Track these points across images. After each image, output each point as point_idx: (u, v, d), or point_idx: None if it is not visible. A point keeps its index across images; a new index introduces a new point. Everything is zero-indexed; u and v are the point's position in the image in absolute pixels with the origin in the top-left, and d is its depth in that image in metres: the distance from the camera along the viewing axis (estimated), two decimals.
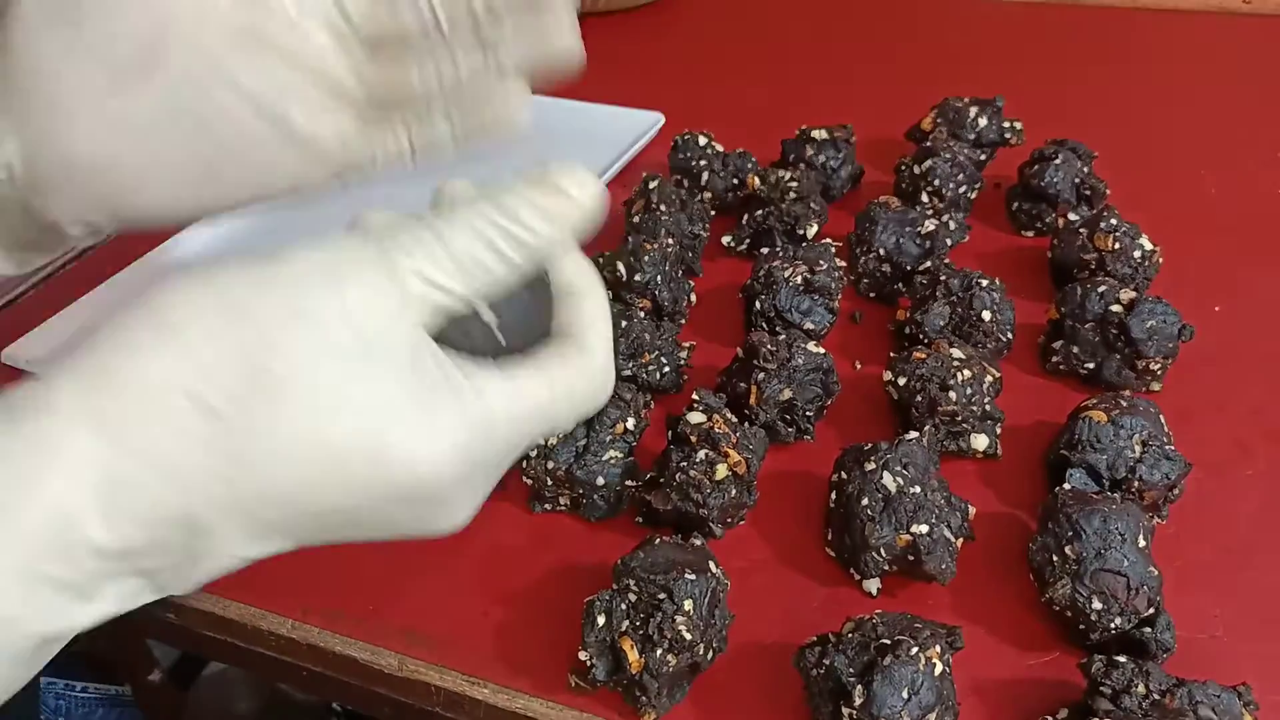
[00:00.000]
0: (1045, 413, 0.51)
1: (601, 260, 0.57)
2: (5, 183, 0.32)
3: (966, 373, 0.48)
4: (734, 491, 0.45)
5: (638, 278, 0.56)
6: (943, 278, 0.54)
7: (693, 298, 0.61)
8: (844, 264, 0.58)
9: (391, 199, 0.31)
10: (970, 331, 0.53)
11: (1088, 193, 0.63)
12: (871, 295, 0.60)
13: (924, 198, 0.64)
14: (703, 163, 0.68)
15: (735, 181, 0.67)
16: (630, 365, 0.53)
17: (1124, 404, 0.46)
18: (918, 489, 0.43)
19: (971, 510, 0.45)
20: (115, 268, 0.66)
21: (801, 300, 0.55)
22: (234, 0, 0.29)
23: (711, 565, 0.40)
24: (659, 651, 0.38)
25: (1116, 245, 0.56)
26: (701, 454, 0.45)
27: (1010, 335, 0.54)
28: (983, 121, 0.69)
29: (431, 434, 0.27)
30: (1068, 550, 0.40)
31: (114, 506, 0.25)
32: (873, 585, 0.44)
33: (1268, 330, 0.57)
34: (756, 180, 0.64)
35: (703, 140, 0.69)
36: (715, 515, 0.45)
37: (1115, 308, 0.51)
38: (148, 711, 0.69)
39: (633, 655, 0.38)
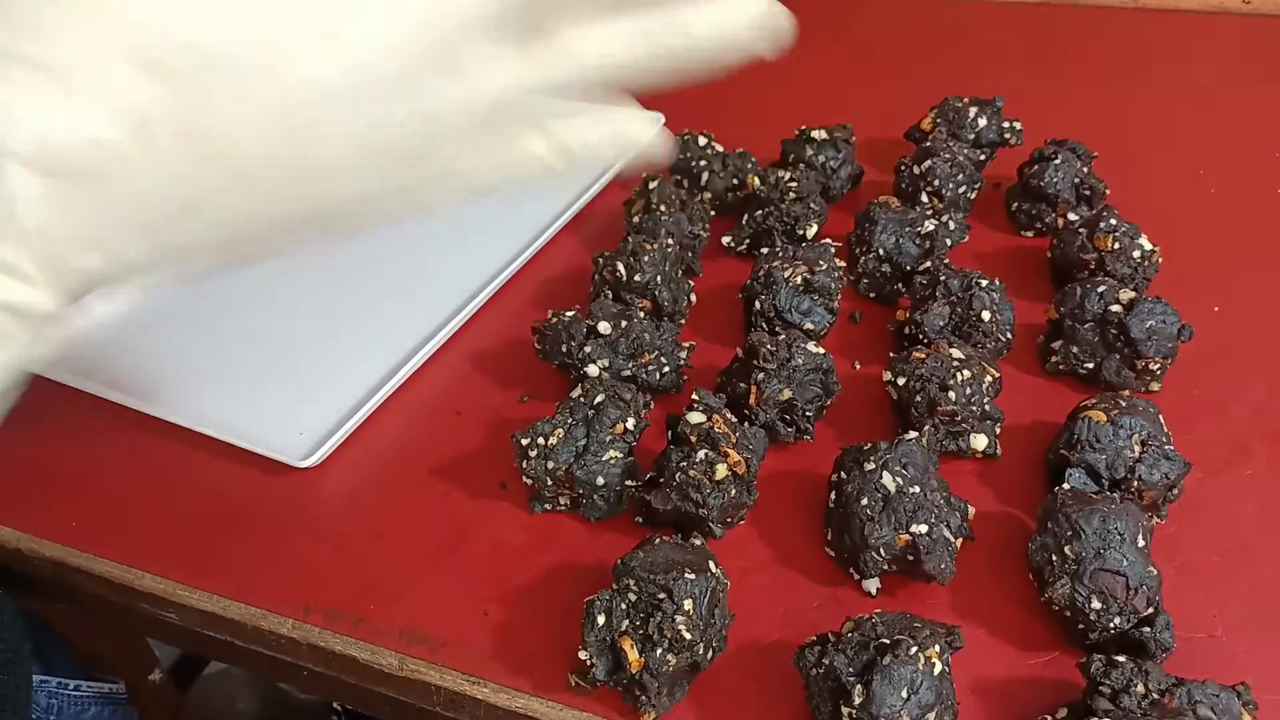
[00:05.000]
0: (1044, 413, 0.51)
1: (601, 260, 0.57)
2: None
3: (966, 373, 0.48)
4: (734, 491, 0.45)
5: (638, 278, 0.56)
6: (942, 278, 0.54)
7: (693, 298, 0.61)
8: (844, 264, 0.58)
9: None
10: (970, 331, 0.53)
11: (1087, 193, 0.63)
12: (871, 295, 0.61)
13: (924, 198, 0.64)
14: (703, 163, 0.68)
15: (735, 181, 0.67)
16: (630, 365, 0.53)
17: (1123, 404, 0.46)
18: (917, 489, 0.43)
19: (971, 510, 0.45)
20: None
21: (801, 300, 0.55)
22: None
23: (711, 565, 0.41)
24: (659, 651, 0.38)
25: (1116, 245, 0.56)
26: (701, 454, 0.45)
27: (1010, 335, 0.54)
28: (982, 121, 0.69)
29: None
30: (1067, 550, 0.40)
31: None
32: (872, 585, 0.44)
33: (1267, 330, 0.57)
34: (756, 180, 0.64)
35: (703, 140, 0.69)
36: (715, 515, 0.45)
37: (1115, 308, 0.51)
38: (144, 710, 0.68)
39: (633, 655, 0.38)
